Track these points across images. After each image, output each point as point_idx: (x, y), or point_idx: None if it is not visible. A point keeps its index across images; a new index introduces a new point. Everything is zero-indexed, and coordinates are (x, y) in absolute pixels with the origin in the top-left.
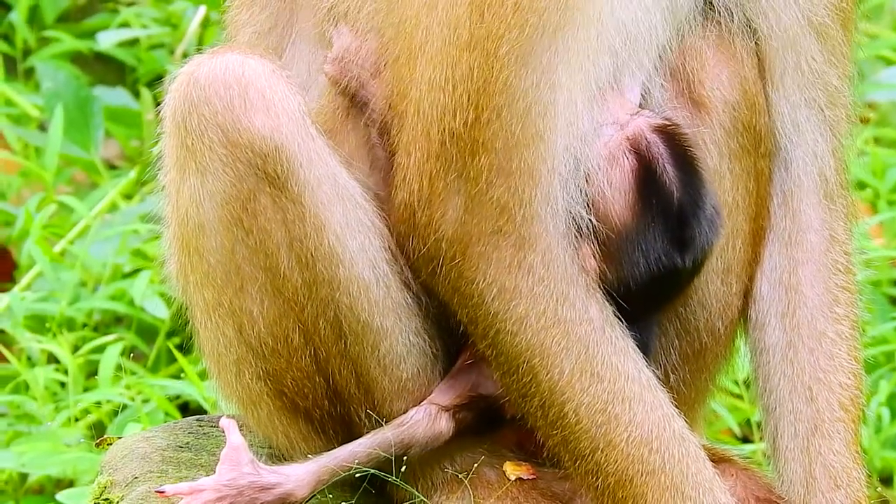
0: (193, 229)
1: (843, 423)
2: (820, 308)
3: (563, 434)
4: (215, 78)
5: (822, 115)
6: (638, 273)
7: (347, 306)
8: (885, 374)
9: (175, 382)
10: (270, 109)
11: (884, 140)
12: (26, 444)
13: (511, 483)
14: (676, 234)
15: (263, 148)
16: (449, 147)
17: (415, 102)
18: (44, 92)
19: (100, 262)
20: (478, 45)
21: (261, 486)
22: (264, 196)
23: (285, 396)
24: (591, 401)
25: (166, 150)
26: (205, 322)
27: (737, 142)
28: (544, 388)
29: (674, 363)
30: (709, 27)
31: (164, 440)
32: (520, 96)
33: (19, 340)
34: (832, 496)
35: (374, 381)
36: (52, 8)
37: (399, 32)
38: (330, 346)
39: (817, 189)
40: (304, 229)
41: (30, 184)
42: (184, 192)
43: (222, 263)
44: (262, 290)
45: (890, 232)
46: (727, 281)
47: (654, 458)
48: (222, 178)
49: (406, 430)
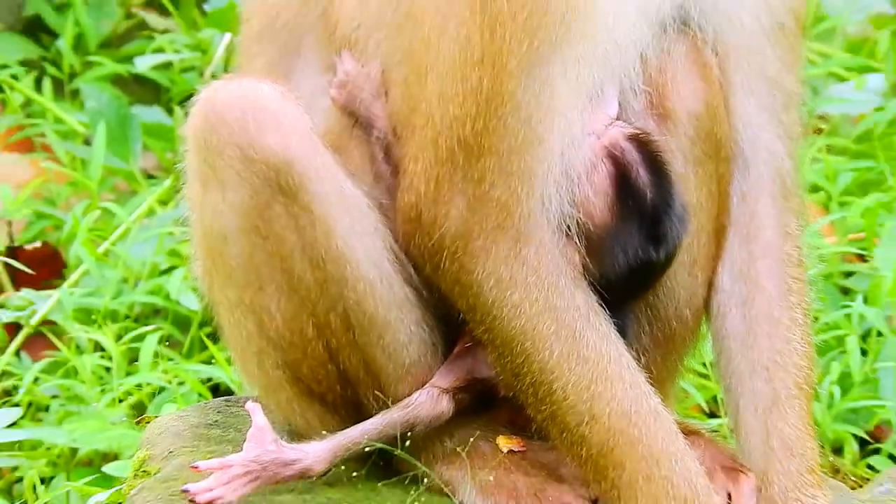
0: (216, 237)
1: (798, 399)
2: (776, 297)
3: (552, 409)
4: (231, 101)
5: (778, 120)
6: (618, 266)
7: (355, 301)
8: (836, 356)
9: (206, 367)
10: (281, 129)
11: (835, 148)
12: (76, 422)
13: (503, 454)
14: (651, 231)
15: (276, 163)
16: (457, 152)
17: (424, 115)
18: (88, 110)
19: (139, 260)
20: (488, 60)
21: (283, 461)
22: (278, 206)
23: (302, 383)
24: (577, 379)
25: (189, 166)
26: (229, 318)
27: (700, 149)
28: (535, 368)
29: (646, 346)
30: (678, 42)
31: (197, 418)
32: (523, 105)
33: (69, 331)
34: (788, 464)
35: (380, 367)
36: (94, 36)
37: (408, 55)
38: (340, 337)
39: (773, 189)
40: (314, 234)
41: (77, 192)
42: (206, 204)
43: (242, 266)
44: (278, 289)
45: (841, 230)
46: (693, 273)
47: (633, 430)
48: (240, 191)
49: (411, 410)
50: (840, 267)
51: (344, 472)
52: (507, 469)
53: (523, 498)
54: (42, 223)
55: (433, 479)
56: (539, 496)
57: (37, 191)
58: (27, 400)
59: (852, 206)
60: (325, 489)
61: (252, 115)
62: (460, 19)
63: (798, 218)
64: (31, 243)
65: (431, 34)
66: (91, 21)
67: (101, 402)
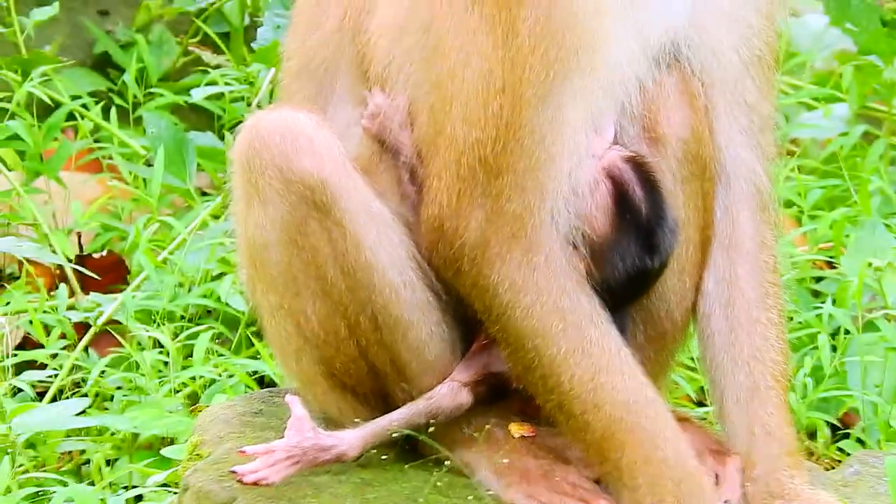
0: (258, 248)
1: (775, 390)
2: (755, 299)
3: (559, 399)
4: (272, 129)
5: (756, 142)
6: (617, 272)
7: (381, 305)
8: (808, 351)
9: (253, 361)
10: (316, 153)
11: (805, 168)
12: (137, 410)
13: (515, 440)
14: (646, 242)
15: (311, 183)
16: (477, 170)
17: (449, 137)
18: (149, 136)
19: (193, 267)
20: (508, 90)
21: (321, 447)
22: (313, 221)
23: (335, 377)
24: (581, 372)
25: (235, 185)
26: (270, 321)
27: (687, 169)
28: (545, 362)
29: (640, 343)
30: (669, 74)
31: (243, 407)
32: (538, 129)
33: (131, 330)
34: (769, 448)
35: (405, 362)
36: (155, 70)
37: (435, 85)
38: (369, 336)
39: (752, 203)
40: (345, 246)
41: (139, 207)
42: (250, 219)
43: (282, 274)
44: (313, 294)
45: (811, 240)
46: (682, 279)
47: (632, 417)
48: (280, 208)
49: (434, 402)
50: (811, 273)
51: (374, 455)
52: (519, 453)
53: (533, 478)
54: (108, 235)
55: (454, 462)
56: (547, 476)
57: (104, 206)
58: (94, 391)
59: (821, 219)
60: (358, 470)
61: (290, 140)
62: (483, 54)
63: (773, 229)
64: (99, 252)
65: (456, 67)
66: (153, 58)
67: (159, 392)
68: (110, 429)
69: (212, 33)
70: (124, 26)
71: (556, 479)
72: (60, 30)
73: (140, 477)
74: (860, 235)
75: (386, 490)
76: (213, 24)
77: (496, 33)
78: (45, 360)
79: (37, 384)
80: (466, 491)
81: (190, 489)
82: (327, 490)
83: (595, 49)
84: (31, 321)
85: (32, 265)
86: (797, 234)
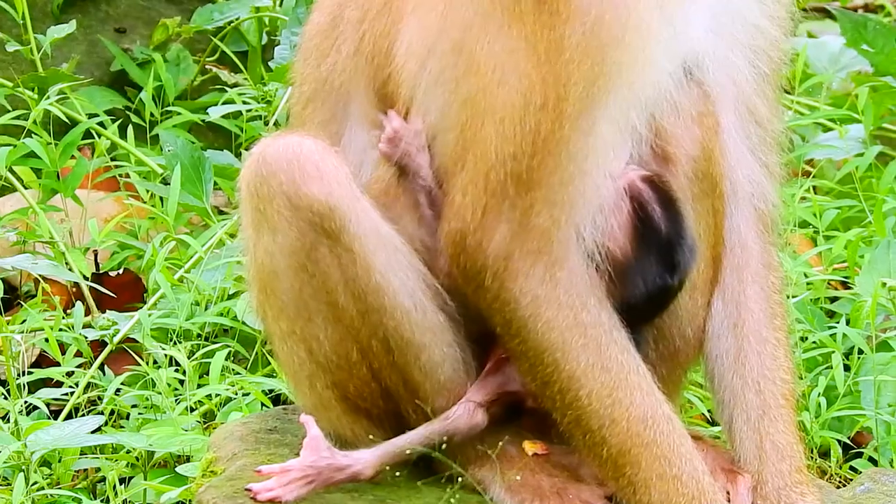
0: (268, 275)
1: (785, 409)
2: (763, 320)
3: (577, 414)
4: (279, 156)
5: (763, 161)
6: (637, 291)
7: (393, 328)
8: (822, 371)
9: (268, 379)
10: (324, 178)
11: (821, 189)
12: (153, 428)
13: (529, 457)
14: (666, 260)
15: (320, 209)
16: (508, 185)
17: (478, 153)
18: (166, 154)
19: (210, 286)
20: (548, 105)
21: (336, 466)
22: (322, 246)
23: (349, 400)
24: (599, 387)
25: (243, 213)
26: (282, 347)
27: (698, 187)
28: (564, 377)
29: (653, 361)
30: (683, 92)
31: (258, 425)
32: (574, 144)
33: (147, 348)
34: (780, 466)
35: (417, 384)
36: (173, 89)
37: (465, 104)
38: (381, 359)
39: (760, 223)
40: (355, 271)
41: (156, 226)
42: (259, 247)
43: (293, 301)
44: (325, 319)
45: (826, 260)
46: (693, 297)
47: (648, 432)
48: (289, 234)
49: (450, 423)
50: (826, 293)
51: (388, 472)
52: (532, 470)
53: (546, 496)
54: (125, 253)
55: (467, 479)
56: (561, 494)
57: (120, 224)
58: (110, 408)
59: (836, 239)
60: (372, 488)
61: (297, 167)
62: (521, 72)
63: (777, 249)
64: (115, 270)
65: (490, 85)
66: (170, 76)
67: (175, 410)
68: (125, 446)
69: (229, 52)
70: (142, 44)
71: (569, 497)
72: (77, 48)
73: (154, 495)
74: (875, 256)
75: None
76: (231, 42)
77: (538, 51)
78: (60, 377)
79: (52, 402)
80: None
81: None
82: None
83: (635, 65)
84: (47, 339)
85: (49, 283)
86: (812, 254)
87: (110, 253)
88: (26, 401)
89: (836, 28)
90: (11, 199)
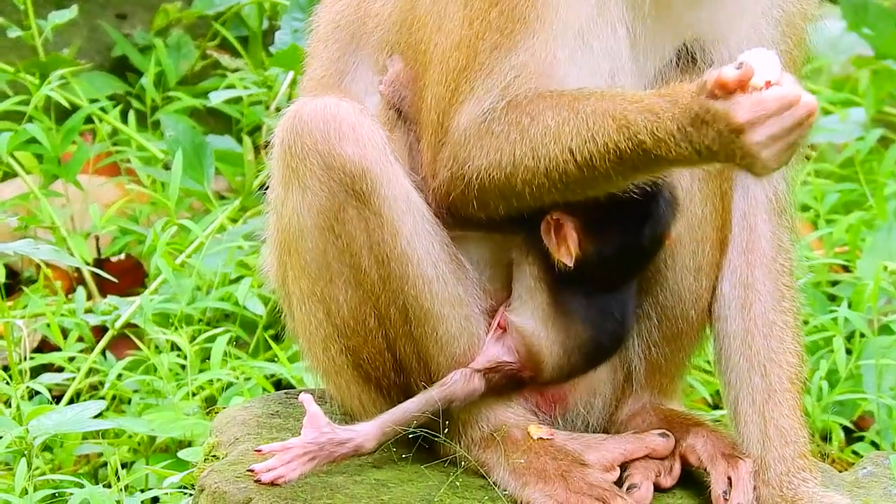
0: (294, 233)
1: (791, 393)
2: (771, 302)
3: (581, 158)
4: (315, 115)
5: None
6: (611, 246)
7: (414, 297)
8: (824, 354)
9: (270, 364)
10: (359, 140)
11: (822, 173)
12: (154, 413)
13: (533, 441)
14: (637, 213)
15: (353, 170)
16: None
17: (426, 100)
18: (167, 139)
19: (211, 271)
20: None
21: (337, 440)
22: (351, 208)
23: (361, 367)
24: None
25: (274, 170)
26: (300, 307)
27: (704, 168)
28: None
29: (656, 340)
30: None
31: (260, 409)
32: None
33: (149, 333)
34: (783, 450)
35: (431, 357)
36: (173, 74)
37: (416, 52)
38: (398, 328)
39: (769, 207)
40: (382, 235)
41: (157, 211)
42: (287, 205)
43: (316, 261)
44: (346, 282)
45: (827, 244)
46: (698, 278)
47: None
48: (319, 194)
49: (448, 388)
50: (827, 276)
51: (392, 455)
52: (537, 453)
53: (550, 479)
54: (126, 238)
55: (470, 462)
56: (565, 477)
57: (122, 209)
58: (111, 394)
59: (838, 223)
60: (374, 471)
61: (333, 126)
62: (451, 17)
63: (790, 233)
64: (117, 256)
65: (432, 34)
66: (171, 61)
67: (176, 395)
68: (127, 431)
69: (230, 37)
70: (142, 30)
71: (574, 480)
72: (79, 33)
73: (156, 479)
74: (876, 239)
75: (401, 490)
76: (232, 27)
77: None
78: (62, 363)
79: (54, 387)
80: (482, 492)
81: (206, 490)
82: (343, 491)
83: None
84: (49, 324)
85: (50, 268)
86: (814, 238)
87: (111, 238)
88: (28, 386)
89: (837, 12)
90: (13, 185)
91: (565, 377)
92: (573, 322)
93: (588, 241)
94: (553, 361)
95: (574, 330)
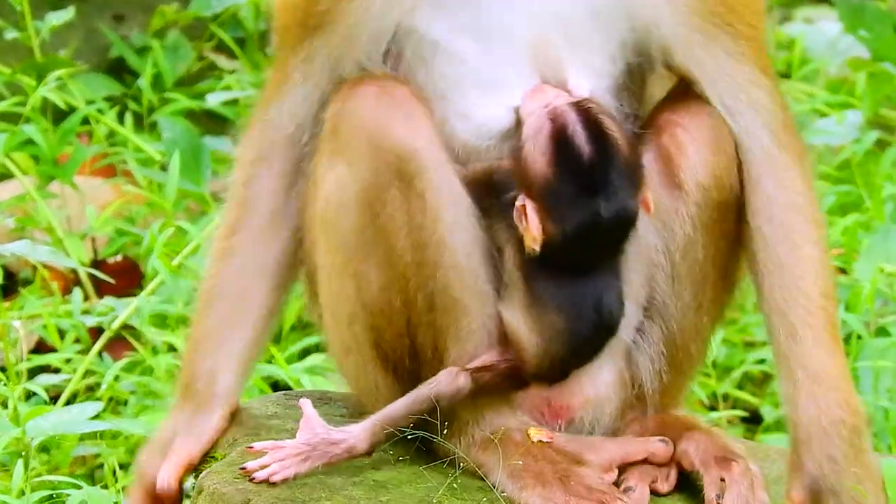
0: (333, 206)
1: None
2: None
3: None
4: (370, 93)
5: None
6: (571, 223)
7: (443, 285)
8: None
9: (268, 366)
10: (410, 123)
11: (818, 175)
12: (151, 414)
13: (532, 443)
14: (590, 184)
15: (401, 152)
16: None
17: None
18: (164, 141)
19: None
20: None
21: (330, 441)
22: (395, 189)
23: (380, 348)
24: None
25: (322, 142)
26: (328, 281)
27: (707, 215)
28: None
29: (662, 368)
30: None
31: (258, 410)
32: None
33: (146, 334)
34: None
35: (445, 350)
36: (170, 75)
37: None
38: (422, 315)
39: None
40: (422, 220)
41: (153, 212)
42: (330, 177)
43: (353, 235)
44: (380, 261)
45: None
46: (699, 315)
47: None
48: (364, 171)
49: (434, 387)
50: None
51: (390, 457)
52: (535, 456)
53: (549, 481)
54: (123, 239)
55: (468, 463)
56: (563, 480)
57: (118, 211)
58: (108, 395)
59: (834, 225)
60: (373, 472)
61: (386, 106)
62: None
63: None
64: (113, 257)
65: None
66: (168, 63)
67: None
68: (124, 433)
69: (227, 38)
70: (139, 31)
71: (572, 483)
72: (75, 34)
73: None
74: (873, 241)
75: (399, 492)
76: (229, 29)
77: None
78: (59, 364)
79: (51, 388)
80: (481, 493)
81: (204, 491)
82: (341, 492)
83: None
84: (46, 325)
85: (47, 269)
86: None
87: (108, 239)
88: (25, 387)
89: (834, 14)
90: (9, 186)
91: (555, 371)
92: (546, 311)
93: (549, 223)
94: (533, 352)
95: (548, 319)
